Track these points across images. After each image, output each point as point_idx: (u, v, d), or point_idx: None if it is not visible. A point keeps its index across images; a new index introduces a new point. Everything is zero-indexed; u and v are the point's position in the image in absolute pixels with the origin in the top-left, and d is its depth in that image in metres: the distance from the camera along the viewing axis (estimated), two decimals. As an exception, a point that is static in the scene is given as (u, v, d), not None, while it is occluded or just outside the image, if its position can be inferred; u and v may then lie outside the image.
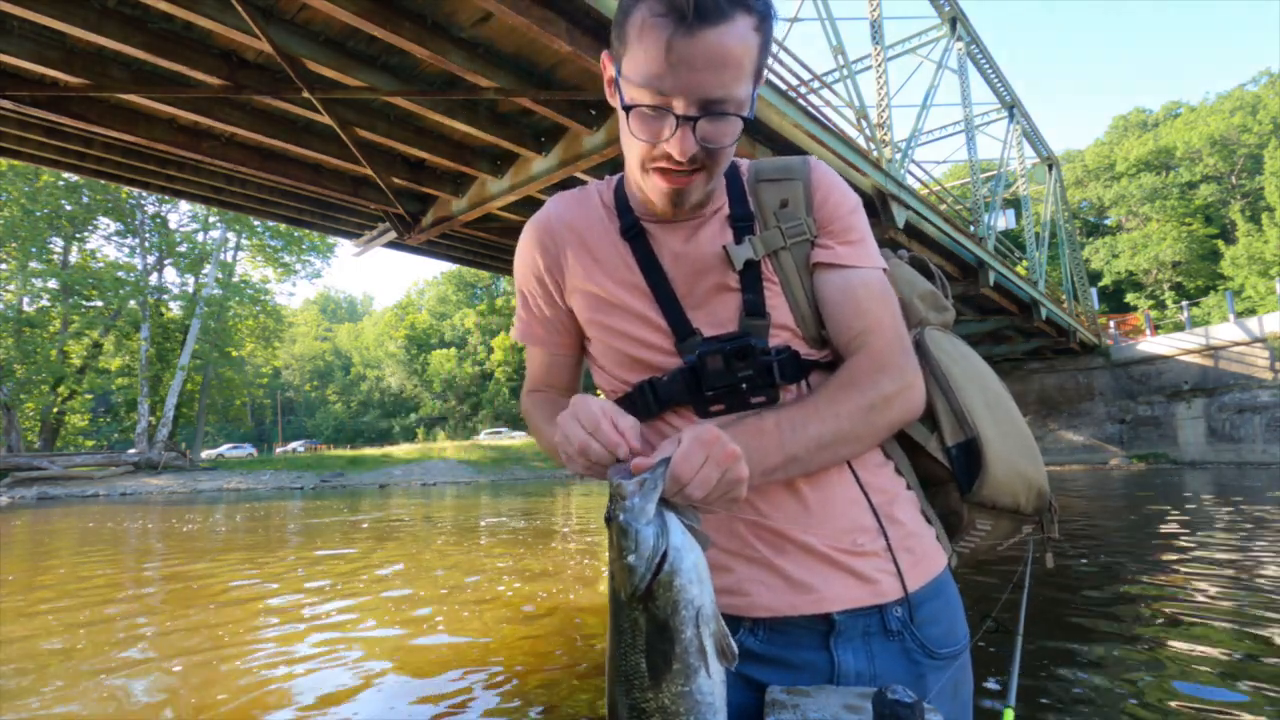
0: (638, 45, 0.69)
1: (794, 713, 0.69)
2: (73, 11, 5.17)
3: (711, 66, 0.67)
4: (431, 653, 3.73)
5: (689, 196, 0.77)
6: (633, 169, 0.80)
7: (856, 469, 0.82)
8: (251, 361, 40.64)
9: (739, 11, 0.66)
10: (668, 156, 0.72)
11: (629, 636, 0.61)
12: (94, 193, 28.31)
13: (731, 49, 0.67)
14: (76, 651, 3.94)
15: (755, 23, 0.68)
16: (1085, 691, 2.86)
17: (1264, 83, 44.78)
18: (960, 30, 15.48)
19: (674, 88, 0.67)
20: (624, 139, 0.78)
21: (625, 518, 0.61)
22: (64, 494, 22.70)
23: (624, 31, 0.71)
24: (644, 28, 0.67)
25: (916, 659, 0.79)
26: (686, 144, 0.70)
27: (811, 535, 0.78)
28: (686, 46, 0.66)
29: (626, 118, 0.72)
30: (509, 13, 4.96)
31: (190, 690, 3.22)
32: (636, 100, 0.70)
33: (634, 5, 0.69)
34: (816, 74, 9.66)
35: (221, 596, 5.44)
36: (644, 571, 0.59)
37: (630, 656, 0.61)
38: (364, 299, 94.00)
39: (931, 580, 0.83)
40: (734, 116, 0.70)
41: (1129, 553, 6.17)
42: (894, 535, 0.81)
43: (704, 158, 0.73)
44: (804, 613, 0.77)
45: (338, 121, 6.73)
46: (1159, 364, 22.58)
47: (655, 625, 0.60)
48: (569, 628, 4.17)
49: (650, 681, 0.59)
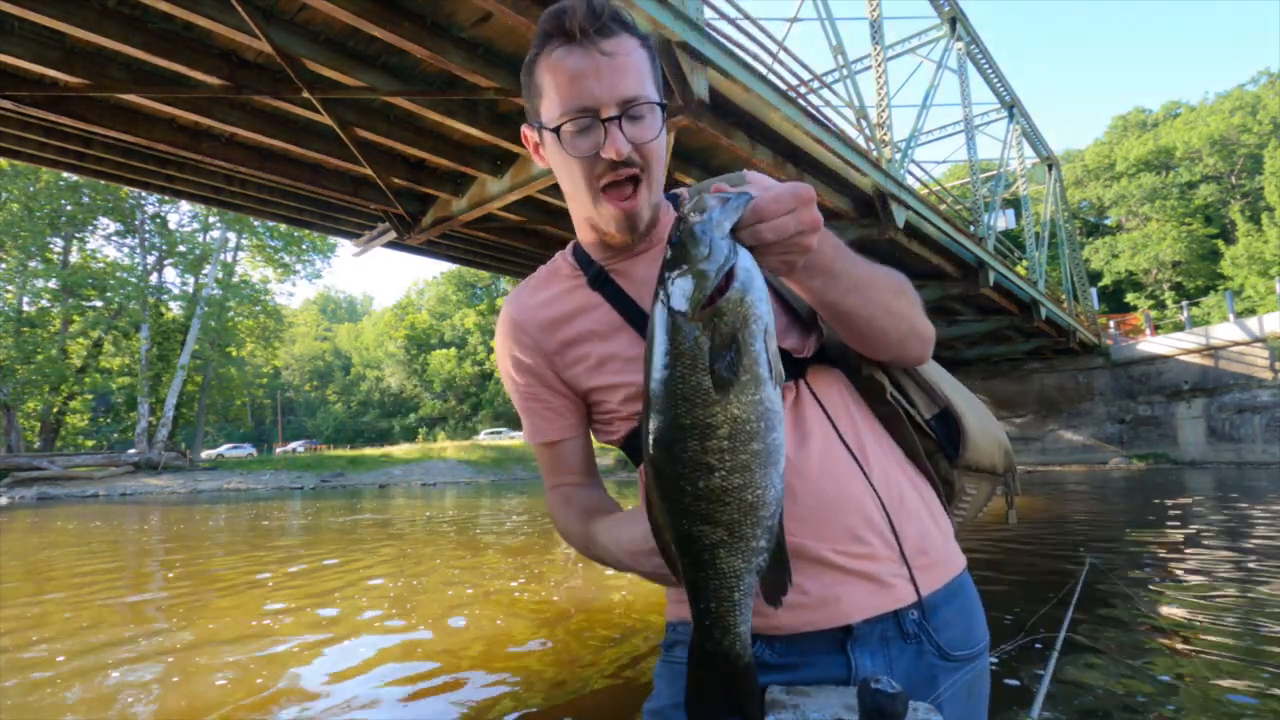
0: (550, 84, 0.77)
1: (794, 713, 0.68)
2: (73, 11, 5.16)
3: (614, 70, 0.75)
4: (432, 652, 3.73)
5: (640, 216, 0.82)
6: (583, 207, 0.84)
7: (865, 467, 0.83)
8: (251, 361, 40.63)
9: (621, 29, 0.76)
10: (610, 166, 0.77)
11: (689, 358, 0.61)
12: (94, 193, 28.30)
13: (626, 54, 0.76)
14: (76, 652, 3.94)
15: (638, 43, 0.78)
16: (1098, 700, 2.86)
17: (1264, 83, 44.75)
18: (960, 30, 15.46)
19: (593, 97, 0.75)
20: (566, 181, 0.83)
21: (701, 226, 0.61)
22: (64, 494, 22.70)
23: (535, 85, 0.80)
24: (549, 67, 0.77)
25: (931, 661, 0.81)
26: (620, 143, 0.75)
27: (823, 545, 0.78)
28: (587, 58, 0.74)
29: (560, 144, 0.78)
30: (509, 13, 4.96)
31: (190, 690, 3.22)
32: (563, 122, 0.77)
33: (534, 60, 0.79)
34: (816, 74, 9.66)
35: (221, 597, 5.44)
36: (714, 280, 0.60)
37: (690, 378, 0.61)
38: (364, 299, 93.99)
39: (948, 582, 0.84)
40: (651, 108, 0.77)
41: (1133, 554, 6.17)
42: (905, 533, 0.82)
43: (639, 161, 0.78)
44: (823, 627, 0.79)
45: (338, 121, 6.73)
46: (1159, 364, 22.56)
47: (722, 339, 0.60)
48: (571, 627, 4.17)
49: (718, 395, 0.60)
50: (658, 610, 4.41)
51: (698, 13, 5.78)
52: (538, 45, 0.78)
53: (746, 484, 0.61)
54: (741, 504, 0.61)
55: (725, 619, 0.65)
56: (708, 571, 0.64)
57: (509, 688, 3.15)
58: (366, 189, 8.67)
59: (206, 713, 2.92)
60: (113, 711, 3.00)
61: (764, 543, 0.63)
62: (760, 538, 0.63)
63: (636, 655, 3.55)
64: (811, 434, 0.82)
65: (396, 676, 3.36)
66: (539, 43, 0.78)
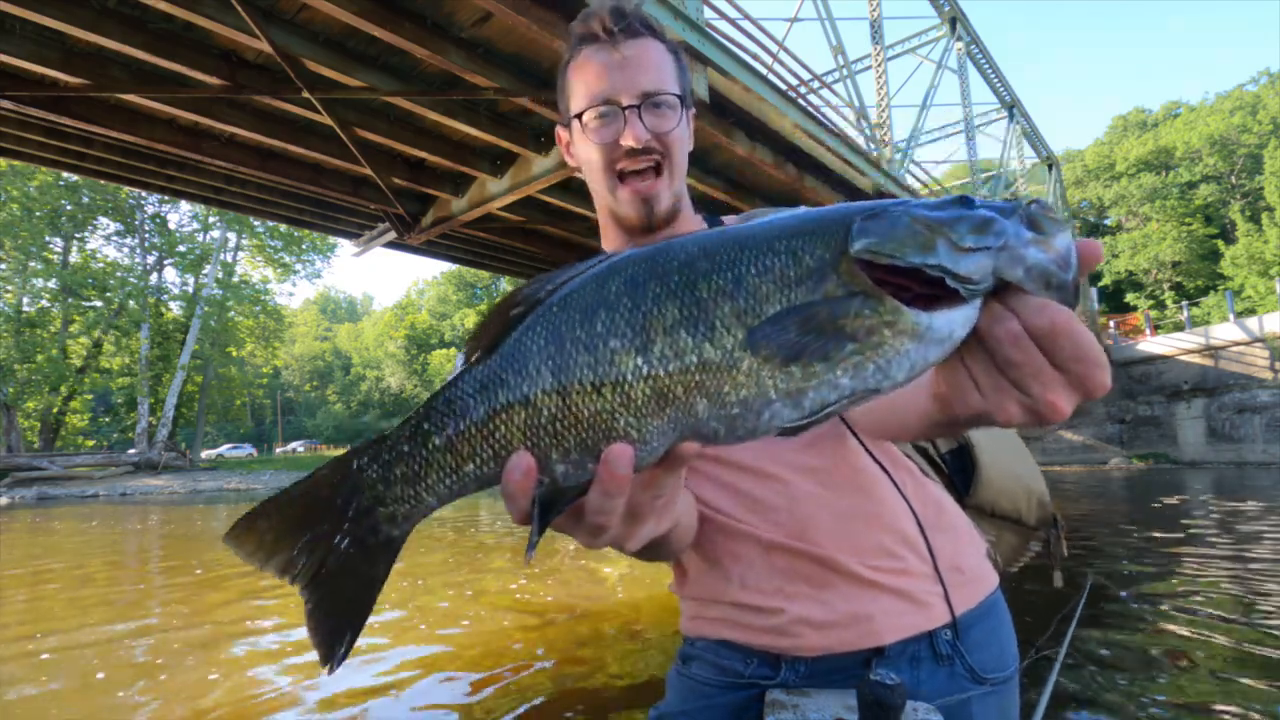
0: (579, 80, 0.81)
1: (794, 713, 0.68)
2: (73, 11, 5.16)
3: (640, 66, 0.79)
4: (432, 653, 3.73)
5: (659, 201, 0.82)
6: (603, 198, 0.85)
7: (896, 478, 0.81)
8: (251, 361, 40.59)
9: (649, 34, 0.81)
10: (629, 153, 0.79)
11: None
12: (94, 193, 28.30)
13: (652, 55, 0.80)
14: (75, 652, 3.93)
15: (666, 48, 0.82)
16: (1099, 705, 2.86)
17: (1264, 83, 44.71)
18: (960, 30, 15.45)
19: (615, 88, 0.78)
20: (590, 173, 0.85)
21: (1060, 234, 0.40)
22: (64, 494, 22.68)
23: (566, 84, 0.84)
24: (580, 63, 0.81)
25: (964, 684, 0.77)
26: (638, 129, 0.78)
27: (853, 559, 0.76)
28: (615, 55, 0.79)
29: (584, 130, 0.81)
30: (509, 13, 4.95)
31: (189, 690, 3.22)
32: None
33: (566, 64, 0.84)
34: (816, 74, 9.65)
35: (220, 596, 5.44)
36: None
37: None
38: (364, 299, 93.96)
39: (981, 601, 0.81)
40: (673, 101, 0.80)
41: (1133, 555, 6.17)
42: (940, 549, 0.79)
43: (659, 149, 0.79)
44: (855, 648, 0.76)
45: (338, 122, 6.72)
46: (1159, 364, 22.55)
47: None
48: (571, 627, 4.16)
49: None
50: (658, 610, 4.41)
51: (698, 13, 5.78)
52: (570, 50, 0.83)
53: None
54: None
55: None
56: None
57: (509, 688, 3.15)
58: (366, 189, 8.67)
59: (206, 712, 2.92)
60: (113, 711, 3.00)
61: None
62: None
63: (637, 656, 3.55)
64: (840, 445, 0.80)
65: (396, 677, 3.35)
66: (572, 47, 0.83)
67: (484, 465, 0.43)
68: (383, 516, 0.47)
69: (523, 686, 3.15)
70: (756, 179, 8.56)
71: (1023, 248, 0.37)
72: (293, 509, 0.47)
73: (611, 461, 0.39)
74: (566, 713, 2.86)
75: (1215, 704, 2.71)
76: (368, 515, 0.47)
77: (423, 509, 0.47)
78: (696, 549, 0.84)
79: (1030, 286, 0.37)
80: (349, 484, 0.47)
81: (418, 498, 0.46)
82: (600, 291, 0.41)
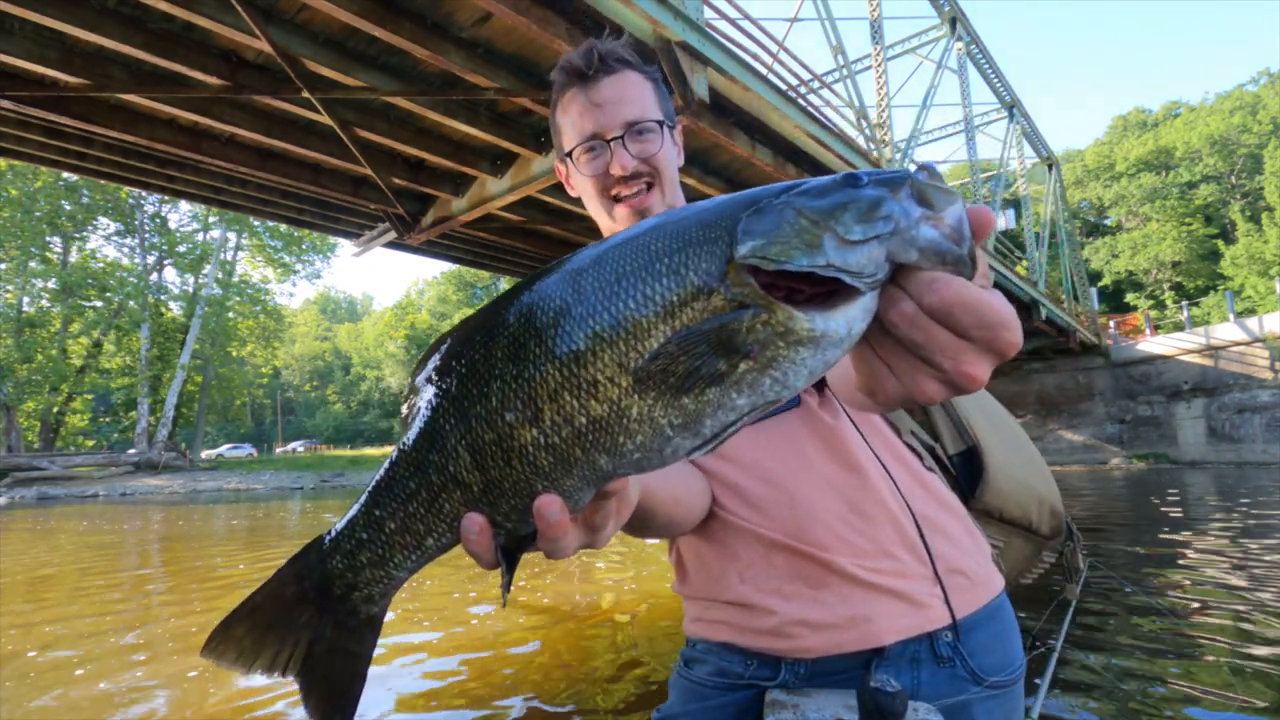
0: (565, 118, 0.88)
1: (794, 713, 0.68)
2: (72, 11, 5.16)
3: (620, 100, 0.85)
4: (432, 653, 3.73)
5: (652, 211, 0.87)
6: (603, 218, 0.91)
7: (898, 479, 0.81)
8: (251, 361, 40.60)
9: (626, 68, 0.86)
10: (619, 180, 0.86)
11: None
12: (94, 193, 28.30)
13: (630, 88, 0.86)
14: (75, 653, 3.93)
15: (643, 76, 0.88)
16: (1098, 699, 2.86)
17: (1264, 83, 44.72)
18: (960, 30, 15.46)
19: (599, 124, 0.85)
20: (589, 202, 0.92)
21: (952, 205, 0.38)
22: (64, 494, 22.69)
23: (556, 125, 0.91)
24: (565, 103, 0.88)
25: (964, 687, 0.77)
26: (624, 158, 0.84)
27: (853, 561, 0.76)
28: (596, 92, 0.85)
29: (577, 166, 0.87)
30: (509, 13, 4.95)
31: (189, 690, 3.22)
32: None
33: (554, 106, 0.90)
34: (816, 74, 9.66)
35: (219, 596, 5.44)
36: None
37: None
38: (364, 299, 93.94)
39: (985, 605, 0.81)
40: (654, 126, 0.85)
41: (1135, 555, 6.17)
42: (939, 552, 0.79)
43: (647, 171, 0.86)
44: (854, 649, 0.75)
45: (338, 121, 6.72)
46: (1159, 364, 22.55)
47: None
48: (572, 628, 4.16)
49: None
50: (658, 611, 4.41)
51: (698, 13, 5.78)
52: (556, 93, 0.90)
53: None
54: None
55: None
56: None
57: (509, 688, 3.15)
58: (366, 189, 8.67)
59: (206, 712, 2.92)
60: (112, 711, 3.00)
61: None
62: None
63: (637, 655, 3.55)
64: (842, 445, 0.80)
65: (395, 677, 3.35)
66: (556, 91, 0.89)
67: (441, 536, 0.45)
68: (359, 599, 0.48)
69: (523, 687, 3.15)
70: (756, 179, 8.56)
71: (914, 228, 0.36)
72: (266, 611, 0.49)
73: (543, 514, 0.40)
74: (566, 714, 2.86)
75: (1212, 698, 2.72)
76: (343, 601, 0.48)
77: (396, 583, 0.48)
78: (697, 545, 0.84)
79: (926, 265, 0.36)
80: (317, 576, 0.49)
81: (388, 576, 0.47)
82: (488, 359, 0.41)
